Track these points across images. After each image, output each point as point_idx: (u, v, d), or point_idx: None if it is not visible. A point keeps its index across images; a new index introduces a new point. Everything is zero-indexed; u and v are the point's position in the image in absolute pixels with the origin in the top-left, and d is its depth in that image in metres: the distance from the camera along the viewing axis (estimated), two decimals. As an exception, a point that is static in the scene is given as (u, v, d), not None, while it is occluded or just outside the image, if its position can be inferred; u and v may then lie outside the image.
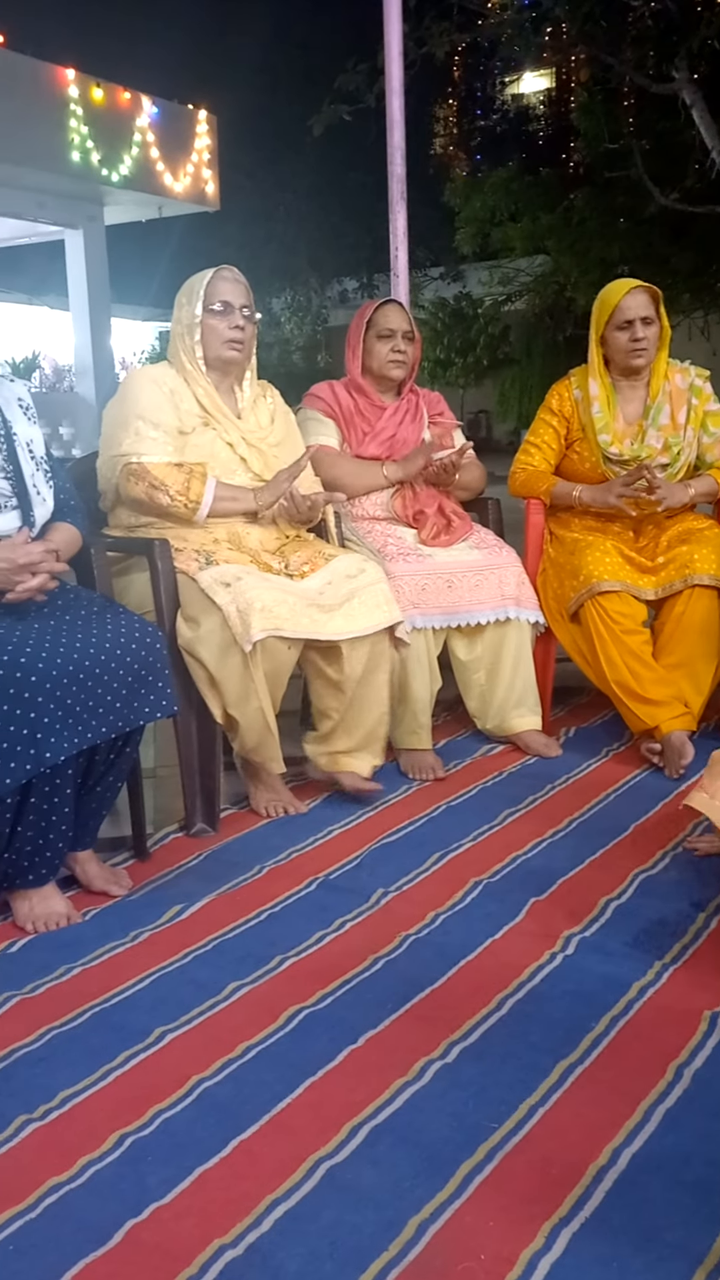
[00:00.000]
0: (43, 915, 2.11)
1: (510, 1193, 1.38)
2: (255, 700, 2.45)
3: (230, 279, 2.74)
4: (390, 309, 3.25)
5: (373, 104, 8.44)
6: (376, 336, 3.22)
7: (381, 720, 2.72)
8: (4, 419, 2.25)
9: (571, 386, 3.26)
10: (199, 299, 2.71)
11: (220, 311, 2.71)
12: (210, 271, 2.75)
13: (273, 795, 2.68)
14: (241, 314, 2.72)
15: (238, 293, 2.73)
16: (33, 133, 8.84)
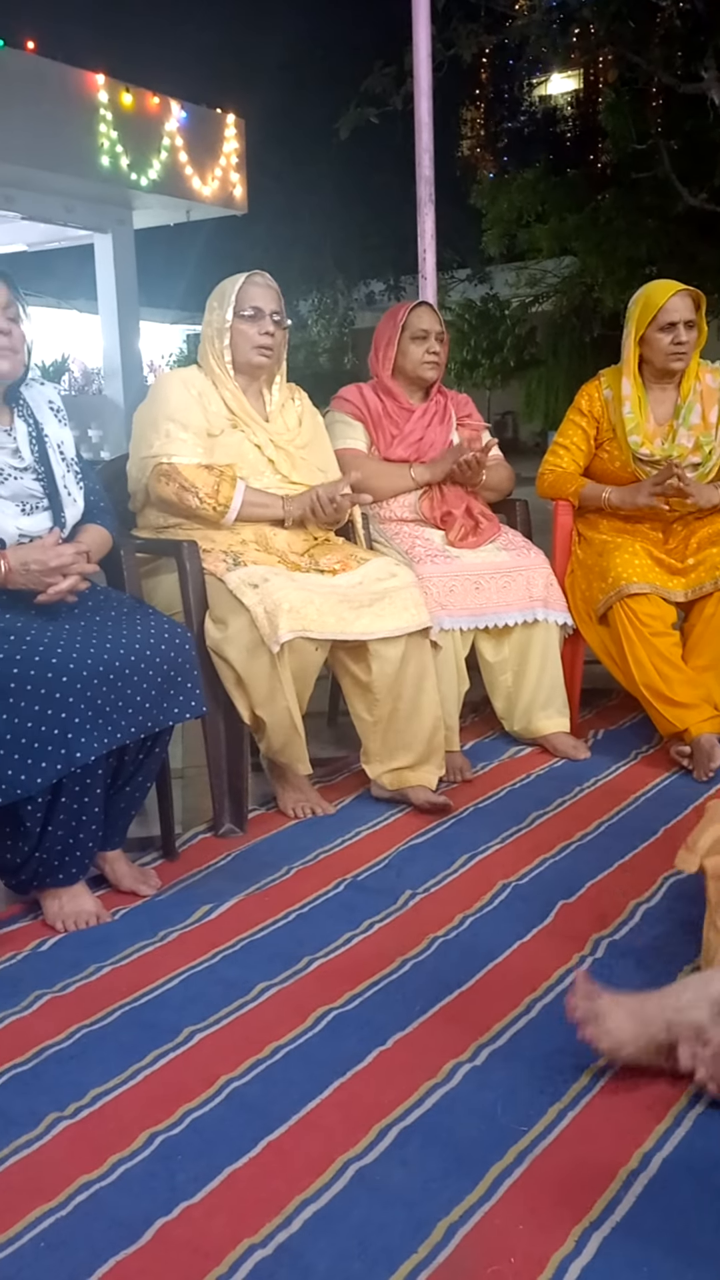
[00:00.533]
0: (73, 914, 2.13)
1: (540, 1196, 1.38)
2: (282, 700, 2.45)
3: (262, 284, 2.74)
4: (423, 310, 3.25)
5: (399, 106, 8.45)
6: (411, 338, 3.21)
7: (437, 729, 2.70)
8: (35, 421, 2.27)
9: (601, 387, 3.25)
10: (230, 304, 2.72)
11: (251, 317, 2.71)
12: (242, 276, 2.76)
13: (300, 796, 2.68)
14: (272, 319, 2.73)
15: (269, 298, 2.73)
16: (63, 137, 8.90)
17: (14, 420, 2.23)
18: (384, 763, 2.69)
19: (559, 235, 14.53)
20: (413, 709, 2.65)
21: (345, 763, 3.02)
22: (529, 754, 3.09)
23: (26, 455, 2.21)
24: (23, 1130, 1.52)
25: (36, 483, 2.21)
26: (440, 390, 3.34)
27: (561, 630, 3.10)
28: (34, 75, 8.70)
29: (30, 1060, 1.69)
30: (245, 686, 2.48)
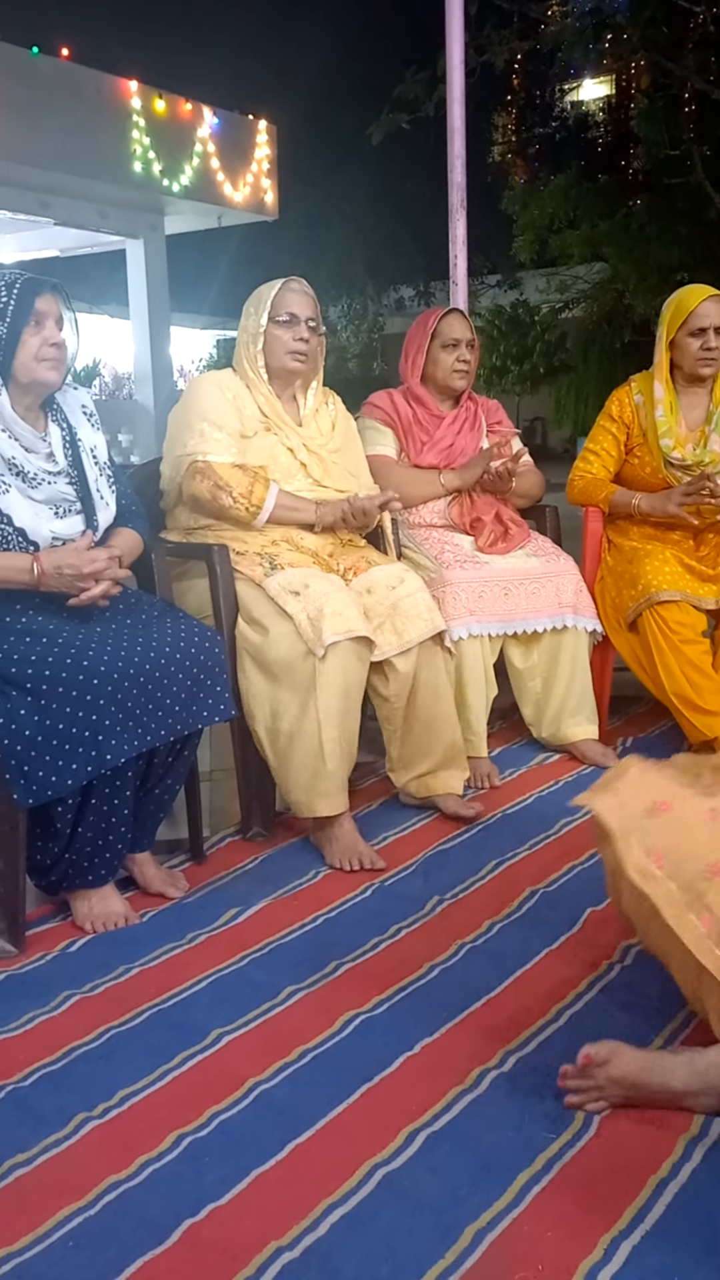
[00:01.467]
0: (101, 915, 2.14)
1: (568, 1203, 1.37)
2: (314, 714, 2.40)
3: (298, 291, 2.75)
4: (454, 318, 3.24)
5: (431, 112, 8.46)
6: (441, 346, 3.21)
7: (456, 732, 2.70)
8: (69, 425, 2.29)
9: (632, 392, 3.24)
10: (266, 309, 2.73)
11: (285, 322, 2.72)
12: (279, 282, 2.77)
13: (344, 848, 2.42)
14: (307, 325, 2.73)
15: (304, 305, 2.74)
16: (96, 144, 8.96)
17: (48, 425, 2.25)
18: (407, 769, 2.69)
19: (590, 241, 14.49)
20: (430, 715, 2.63)
21: (372, 768, 3.02)
22: (557, 761, 3.08)
23: (60, 460, 2.23)
24: (52, 1129, 1.53)
25: (70, 487, 2.23)
26: (470, 397, 3.33)
27: (591, 637, 3.09)
28: (68, 82, 8.76)
29: (60, 1060, 1.70)
30: (276, 697, 2.45)
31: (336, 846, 2.44)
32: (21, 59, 8.46)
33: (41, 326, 2.14)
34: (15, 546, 2.11)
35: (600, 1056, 1.51)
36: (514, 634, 3.01)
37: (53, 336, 2.15)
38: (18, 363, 2.12)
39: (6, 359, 2.12)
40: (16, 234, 10.36)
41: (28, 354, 2.13)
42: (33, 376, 2.15)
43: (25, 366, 2.13)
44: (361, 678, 2.48)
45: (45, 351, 2.14)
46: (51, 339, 2.15)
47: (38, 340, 2.13)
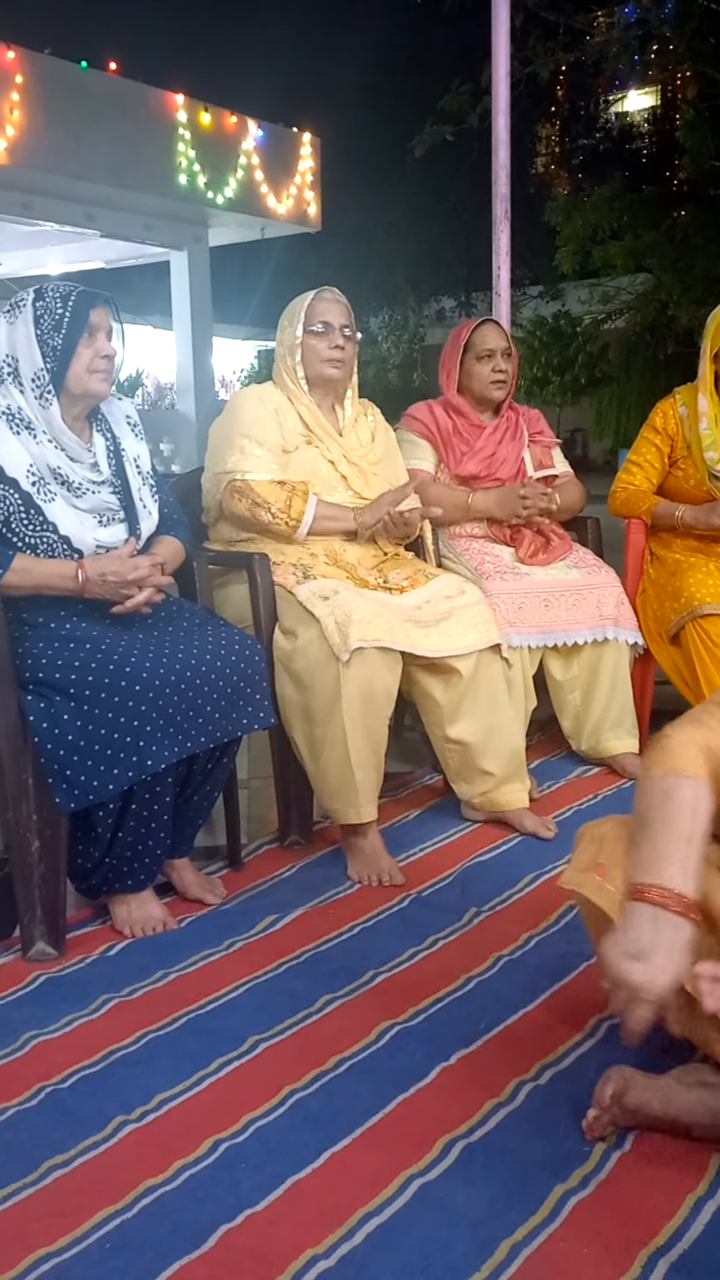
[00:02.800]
0: (140, 920, 2.15)
1: (605, 1219, 1.36)
2: (339, 721, 2.40)
3: (330, 299, 2.77)
4: (488, 329, 3.24)
5: (475, 124, 8.47)
6: (476, 358, 3.21)
7: (518, 746, 2.69)
8: (113, 435, 2.31)
9: (676, 404, 3.22)
10: (300, 320, 2.75)
11: (320, 332, 2.74)
12: (311, 293, 2.79)
13: (365, 863, 2.42)
14: (341, 333, 2.75)
15: (337, 313, 2.76)
16: (143, 157, 9.06)
17: (93, 435, 2.27)
18: (469, 783, 2.68)
19: (634, 252, 14.42)
20: (489, 727, 2.63)
21: (412, 777, 3.02)
22: (596, 774, 3.06)
23: (104, 469, 2.25)
24: (90, 1132, 1.54)
25: (113, 495, 2.25)
26: (511, 406, 3.32)
27: (632, 650, 3.08)
28: (116, 96, 8.87)
29: (98, 1063, 1.71)
30: (306, 704, 2.46)
31: (359, 859, 2.44)
32: (70, 74, 8.58)
33: (94, 339, 2.17)
34: (60, 554, 2.14)
35: (618, 1089, 1.49)
36: (554, 646, 3.00)
37: (104, 349, 2.18)
38: (71, 374, 2.15)
39: (60, 370, 2.14)
40: (63, 245, 10.48)
41: (81, 366, 2.16)
42: (84, 388, 2.18)
43: (78, 378, 2.16)
44: (388, 688, 2.47)
45: (97, 363, 2.17)
46: (103, 351, 2.18)
47: (90, 352, 2.16)
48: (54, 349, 2.13)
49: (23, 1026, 1.82)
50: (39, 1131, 1.55)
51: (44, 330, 2.13)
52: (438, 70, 10.65)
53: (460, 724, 2.62)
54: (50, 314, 2.14)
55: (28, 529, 2.12)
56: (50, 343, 2.13)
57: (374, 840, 2.46)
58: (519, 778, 2.68)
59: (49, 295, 2.15)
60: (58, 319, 2.14)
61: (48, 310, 2.14)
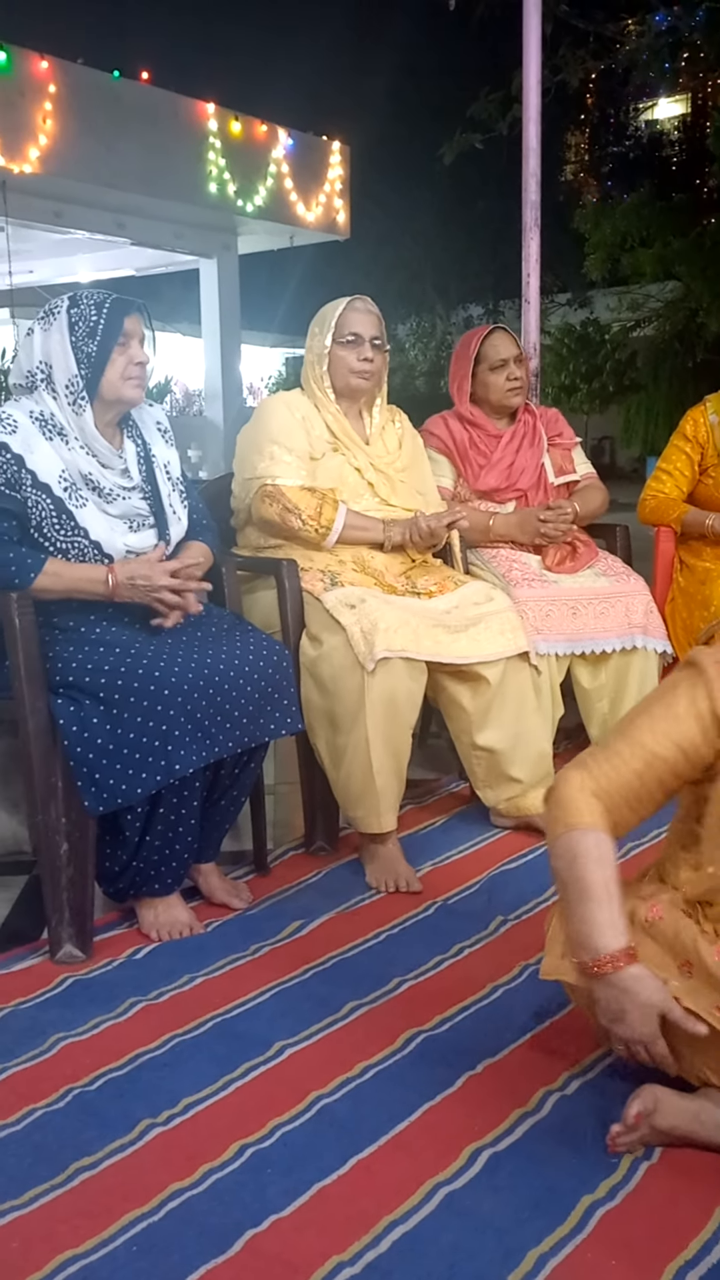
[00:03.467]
0: (167, 924, 2.16)
1: (634, 1230, 1.36)
2: (362, 729, 2.40)
3: (362, 310, 2.77)
4: (498, 338, 3.19)
5: (504, 132, 8.46)
6: (489, 369, 3.16)
7: (545, 751, 2.69)
8: (144, 441, 2.33)
9: (707, 412, 3.20)
10: (330, 329, 2.75)
11: (349, 343, 2.74)
12: (343, 302, 2.78)
13: (382, 868, 2.42)
14: (371, 345, 2.74)
15: (368, 324, 2.76)
16: (174, 166, 9.13)
17: (124, 441, 2.29)
18: (495, 789, 2.67)
19: (664, 260, 14.37)
20: (517, 734, 2.62)
21: (438, 784, 3.02)
22: (624, 782, 3.04)
23: (135, 475, 2.27)
24: (117, 1135, 1.55)
25: (144, 501, 2.26)
26: (528, 410, 3.28)
27: (661, 658, 3.06)
28: (147, 105, 8.95)
29: (125, 1065, 1.72)
30: (330, 710, 2.46)
31: (376, 865, 2.44)
32: (103, 83, 8.66)
33: (128, 346, 2.18)
34: (91, 559, 2.15)
35: (647, 1108, 1.48)
36: (582, 654, 2.98)
37: (138, 356, 2.19)
38: (105, 381, 2.16)
39: (94, 377, 2.16)
40: (94, 253, 10.58)
41: (115, 373, 2.17)
42: (118, 395, 2.19)
43: (112, 385, 2.17)
44: (412, 697, 2.47)
45: (130, 370, 2.18)
46: (136, 358, 2.19)
47: (124, 359, 2.17)
48: (88, 356, 2.15)
49: (50, 1028, 1.83)
50: (66, 1133, 1.55)
51: (78, 337, 2.15)
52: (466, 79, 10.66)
53: (488, 731, 2.61)
54: (85, 321, 2.15)
55: (59, 534, 2.13)
56: (84, 349, 2.15)
57: (392, 848, 2.46)
58: (545, 783, 2.67)
59: (83, 302, 2.17)
60: (92, 326, 2.15)
61: (82, 317, 2.15)
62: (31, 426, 2.13)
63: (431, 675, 2.58)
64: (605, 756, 1.56)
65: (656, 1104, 1.48)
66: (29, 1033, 1.81)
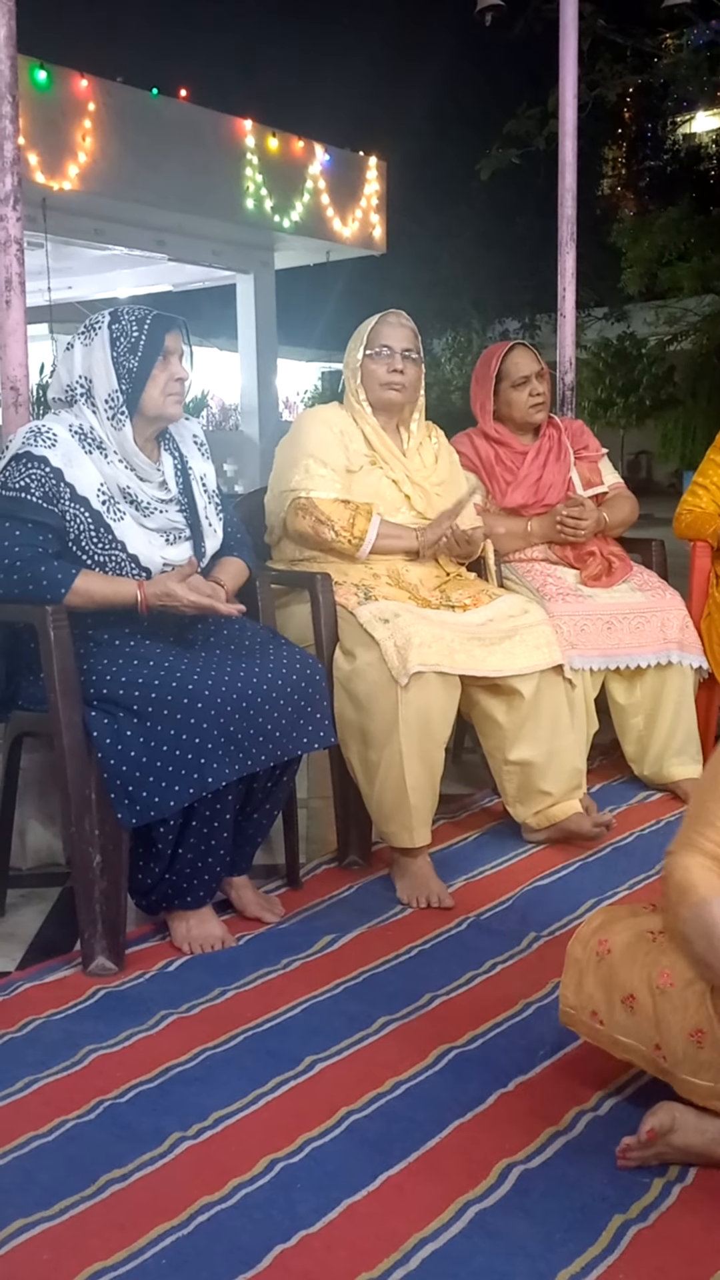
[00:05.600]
0: (199, 937, 2.16)
1: (666, 1253, 1.34)
2: (396, 744, 2.39)
3: (394, 323, 2.78)
4: (518, 355, 3.19)
5: (542, 146, 8.48)
6: (511, 386, 3.16)
7: (578, 770, 2.69)
8: (181, 454, 2.34)
9: (744, 427, 3.18)
10: (362, 343, 2.77)
11: (381, 355, 2.75)
12: (378, 316, 2.81)
13: (414, 884, 2.40)
14: (403, 356, 2.75)
15: (400, 336, 2.77)
16: (212, 183, 9.22)
17: (161, 454, 2.31)
18: (526, 805, 2.66)
19: (702, 274, 14.32)
20: (551, 751, 2.61)
21: (471, 800, 3.00)
22: (659, 800, 3.02)
23: (172, 487, 2.28)
24: (148, 1148, 1.55)
25: (180, 514, 2.28)
26: (552, 424, 3.28)
27: (696, 674, 3.04)
28: (186, 123, 9.04)
29: (157, 1078, 1.72)
30: (363, 725, 2.46)
31: (407, 881, 2.42)
32: (143, 101, 8.76)
33: (168, 363, 2.20)
34: (128, 572, 2.17)
35: (663, 1126, 1.46)
36: (617, 669, 2.97)
37: (178, 372, 2.21)
38: (145, 397, 2.18)
39: (135, 392, 2.18)
40: (133, 269, 10.69)
41: (156, 389, 2.19)
42: (159, 411, 2.21)
43: (152, 400, 2.19)
44: (446, 713, 2.47)
45: (171, 387, 2.21)
46: (176, 374, 2.21)
47: (165, 376, 2.19)
48: (129, 371, 2.17)
49: (83, 1040, 1.83)
50: (97, 1146, 1.56)
51: (120, 353, 2.17)
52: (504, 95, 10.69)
53: (522, 746, 2.61)
54: (126, 337, 2.17)
55: (97, 547, 2.15)
56: (125, 365, 2.17)
57: (423, 863, 2.45)
58: (578, 794, 2.67)
59: (125, 318, 2.19)
60: (133, 342, 2.17)
61: (124, 333, 2.18)
62: (71, 440, 2.16)
63: (465, 690, 2.57)
64: (704, 824, 1.53)
65: (674, 1122, 1.47)
66: (61, 1044, 1.82)
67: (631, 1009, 1.53)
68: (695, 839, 1.54)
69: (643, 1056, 1.54)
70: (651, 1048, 1.52)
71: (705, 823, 1.54)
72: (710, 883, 1.47)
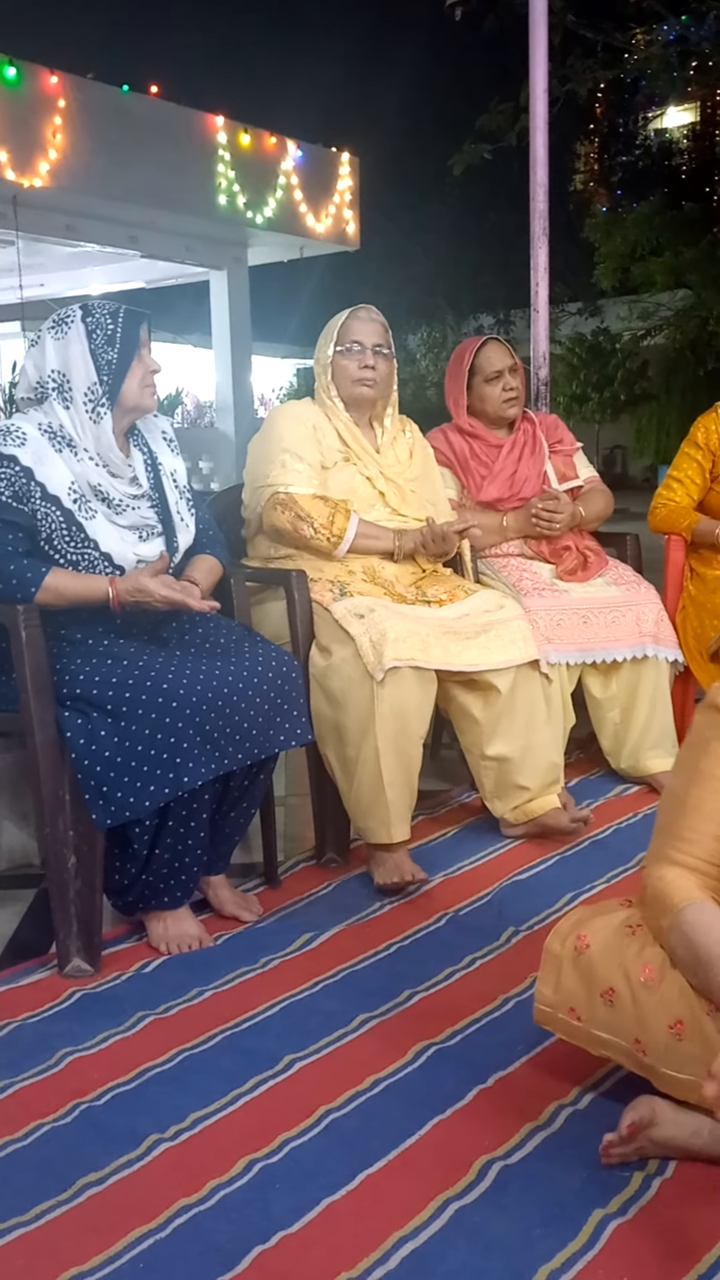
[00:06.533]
0: (176, 937, 2.15)
1: (646, 1248, 1.34)
2: (373, 740, 2.39)
3: (364, 318, 2.77)
4: (491, 349, 3.18)
5: (514, 142, 8.48)
6: (485, 381, 3.15)
7: (555, 764, 2.69)
8: (150, 450, 2.33)
9: (718, 419, 3.19)
10: (332, 339, 2.76)
11: (351, 351, 2.74)
12: (347, 311, 2.79)
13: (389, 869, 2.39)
14: (374, 351, 2.74)
15: (370, 331, 2.75)
16: (184, 179, 9.16)
17: (131, 450, 2.29)
18: (503, 800, 2.66)
19: (674, 269, 14.39)
20: (527, 745, 2.61)
21: (449, 796, 3.00)
22: (636, 793, 3.03)
23: (143, 483, 2.27)
24: (124, 1150, 1.54)
25: (152, 510, 2.26)
26: (526, 418, 3.27)
27: (672, 667, 3.04)
28: (157, 119, 8.98)
29: (133, 1080, 1.71)
30: (339, 722, 2.45)
31: (384, 868, 2.41)
32: (113, 98, 8.70)
33: (144, 355, 2.20)
34: (101, 570, 2.15)
35: (643, 1120, 1.46)
36: (593, 663, 2.97)
37: (153, 364, 2.23)
38: (125, 389, 2.19)
39: (115, 384, 2.17)
40: (105, 266, 10.62)
41: (134, 381, 2.20)
42: (137, 402, 2.22)
43: (132, 392, 2.20)
44: (422, 708, 2.46)
45: (147, 379, 2.22)
46: (152, 367, 2.23)
47: (142, 368, 2.21)
48: (109, 364, 2.16)
49: (58, 1042, 1.82)
50: (73, 1149, 1.55)
51: (97, 345, 2.16)
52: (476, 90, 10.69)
53: (499, 741, 2.60)
54: (102, 329, 2.17)
55: (69, 546, 2.13)
56: (104, 358, 2.16)
57: (400, 855, 2.44)
58: (555, 789, 2.66)
59: (97, 311, 2.18)
60: (110, 334, 2.17)
61: (99, 326, 2.17)
62: (41, 439, 2.14)
63: (442, 685, 2.56)
64: (674, 837, 1.56)
65: (654, 1115, 1.47)
66: (37, 1047, 1.81)
67: (611, 1003, 1.53)
68: (668, 853, 1.56)
69: (622, 1052, 1.54)
70: (631, 1042, 1.52)
71: (675, 835, 1.56)
72: (684, 890, 1.50)
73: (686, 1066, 1.45)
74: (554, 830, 2.63)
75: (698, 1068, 1.43)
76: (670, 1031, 1.46)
